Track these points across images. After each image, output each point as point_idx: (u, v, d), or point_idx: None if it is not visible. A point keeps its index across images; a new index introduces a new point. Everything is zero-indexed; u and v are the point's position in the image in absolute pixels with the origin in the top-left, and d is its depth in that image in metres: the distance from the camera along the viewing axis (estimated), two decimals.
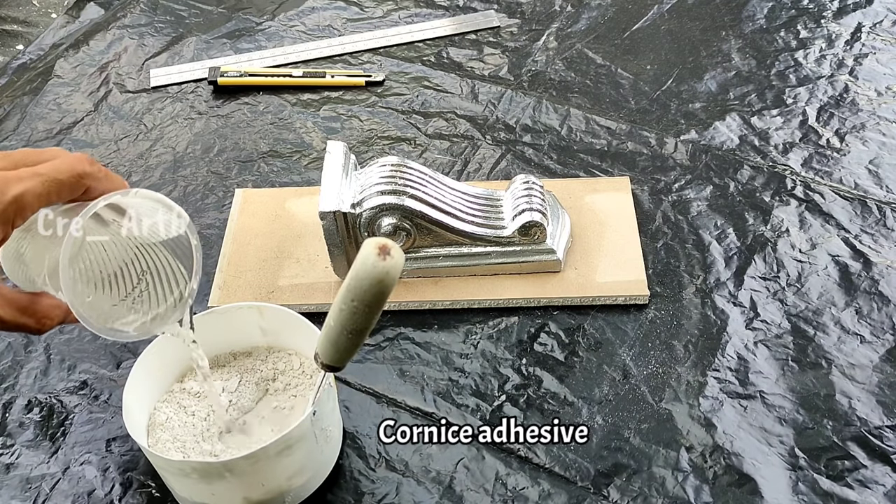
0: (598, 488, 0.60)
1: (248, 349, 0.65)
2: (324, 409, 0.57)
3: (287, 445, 0.54)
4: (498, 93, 0.92)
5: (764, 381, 0.65)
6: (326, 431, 0.58)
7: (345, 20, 1.04)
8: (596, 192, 0.79)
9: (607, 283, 0.71)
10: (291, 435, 0.54)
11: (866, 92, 0.88)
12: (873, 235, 0.75)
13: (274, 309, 0.62)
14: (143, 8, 1.08)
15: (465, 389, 0.66)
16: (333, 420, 0.60)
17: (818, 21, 0.98)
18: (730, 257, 0.74)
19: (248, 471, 0.54)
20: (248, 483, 0.55)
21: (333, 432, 0.60)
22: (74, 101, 0.95)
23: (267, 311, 0.62)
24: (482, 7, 1.04)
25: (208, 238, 0.79)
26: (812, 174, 0.81)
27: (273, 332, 0.64)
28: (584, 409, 0.64)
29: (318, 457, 0.59)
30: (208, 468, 0.54)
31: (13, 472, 0.63)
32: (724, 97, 0.89)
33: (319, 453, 0.58)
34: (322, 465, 0.60)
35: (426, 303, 0.71)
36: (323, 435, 0.58)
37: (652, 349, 0.68)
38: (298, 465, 0.56)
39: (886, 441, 0.61)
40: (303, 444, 0.55)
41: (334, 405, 0.60)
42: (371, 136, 0.88)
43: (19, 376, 0.69)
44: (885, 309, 0.69)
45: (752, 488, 0.59)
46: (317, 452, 0.58)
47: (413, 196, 0.68)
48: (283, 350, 0.65)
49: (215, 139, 0.89)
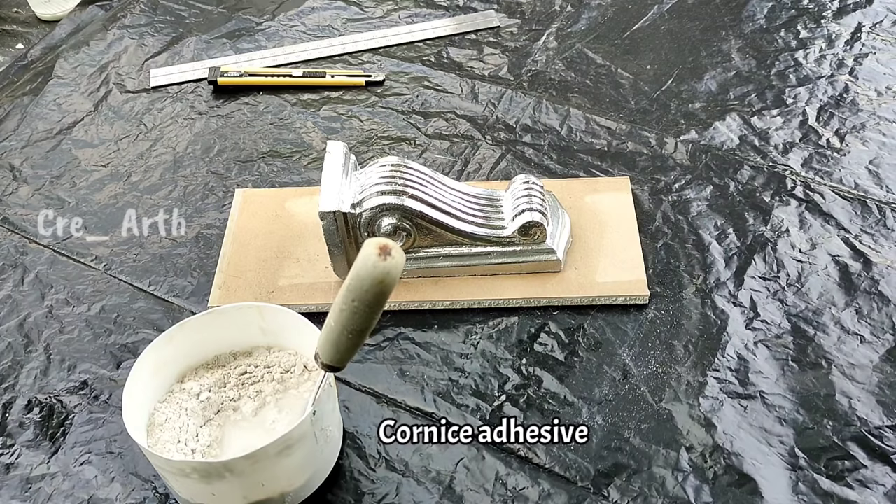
0: (598, 488, 0.60)
1: (249, 349, 0.65)
2: (324, 409, 0.57)
3: (287, 445, 0.54)
4: (498, 93, 0.92)
5: (764, 381, 0.65)
6: (326, 431, 0.58)
7: (345, 20, 1.04)
8: (596, 192, 0.79)
9: (607, 283, 0.71)
10: (291, 435, 0.54)
11: (866, 92, 0.88)
12: (873, 235, 0.75)
13: (274, 309, 0.62)
14: (143, 8, 1.08)
15: (465, 389, 0.66)
16: (334, 420, 0.60)
17: (818, 21, 0.98)
18: (730, 257, 0.74)
19: (248, 471, 0.54)
20: (248, 483, 0.55)
21: (333, 432, 0.60)
22: (74, 101, 0.95)
23: (267, 311, 0.62)
24: (482, 7, 1.04)
25: (208, 238, 0.79)
26: (812, 174, 0.81)
27: (273, 332, 0.64)
28: (584, 409, 0.64)
29: (318, 457, 0.59)
30: (208, 468, 0.54)
31: (13, 472, 0.63)
32: (724, 97, 0.89)
33: (319, 453, 0.58)
34: (322, 465, 0.60)
35: (426, 303, 0.71)
36: (323, 435, 0.58)
37: (652, 349, 0.68)
38: (298, 465, 0.56)
39: (886, 441, 0.61)
40: (303, 445, 0.55)
41: (334, 405, 0.60)
42: (371, 136, 0.88)
43: (19, 376, 0.69)
44: (885, 309, 0.69)
45: (752, 488, 0.59)
46: (317, 452, 0.58)
47: (413, 196, 0.68)
48: (283, 350, 0.65)
49: (215, 139, 0.89)
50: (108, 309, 0.74)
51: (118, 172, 0.87)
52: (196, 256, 0.78)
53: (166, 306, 0.74)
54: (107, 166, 0.87)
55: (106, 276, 0.77)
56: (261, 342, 0.65)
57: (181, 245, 0.79)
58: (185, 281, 0.76)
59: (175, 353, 0.62)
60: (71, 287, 0.76)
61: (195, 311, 0.73)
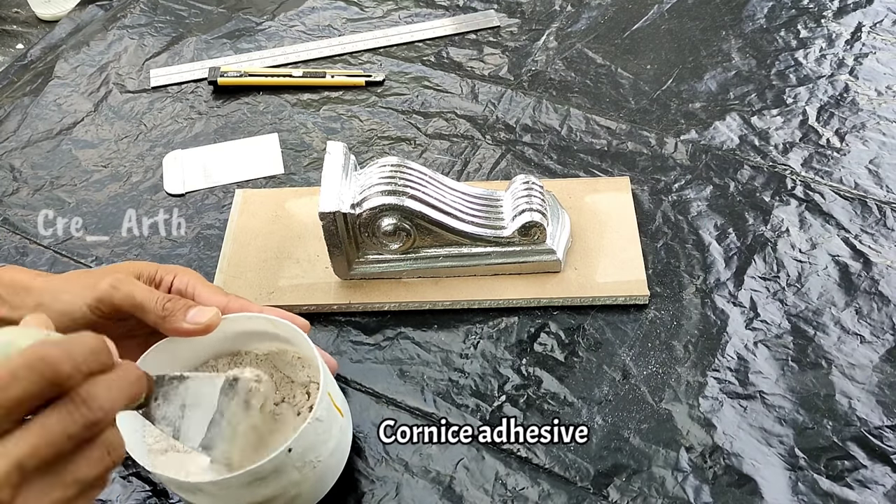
0: (597, 488, 0.60)
1: (277, 351, 0.63)
2: (308, 442, 0.53)
3: (258, 478, 0.51)
4: (498, 93, 0.92)
5: (764, 382, 0.65)
6: (313, 463, 0.55)
7: (345, 20, 1.04)
8: (596, 192, 0.79)
9: (607, 283, 0.71)
10: (263, 468, 0.51)
11: (866, 91, 0.88)
12: (873, 235, 0.75)
13: (286, 325, 0.59)
14: (143, 8, 1.08)
15: (465, 390, 0.66)
16: (324, 451, 0.56)
17: (818, 21, 0.98)
18: (730, 257, 0.74)
19: (220, 495, 0.52)
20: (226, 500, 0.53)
21: (327, 462, 0.56)
22: (74, 101, 0.95)
23: (280, 325, 0.59)
24: (482, 7, 1.04)
25: (208, 238, 0.79)
26: (812, 174, 0.81)
27: (284, 342, 0.62)
28: (583, 410, 0.64)
29: (304, 485, 0.55)
30: (181, 485, 0.52)
31: None
32: (724, 97, 0.89)
33: (305, 482, 0.55)
34: (309, 493, 0.57)
35: (426, 303, 0.71)
36: (308, 466, 0.54)
37: (652, 349, 0.68)
38: (276, 493, 0.54)
39: (886, 441, 0.61)
40: (281, 476, 0.53)
41: (328, 437, 0.56)
42: (371, 136, 0.88)
43: None
44: (885, 309, 0.69)
45: (751, 488, 0.59)
46: (301, 482, 0.55)
47: (413, 196, 0.68)
48: (291, 364, 0.63)
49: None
50: None
51: (118, 172, 0.87)
52: (196, 256, 0.78)
53: None
54: (107, 166, 0.87)
55: None
56: (273, 349, 0.63)
57: (181, 245, 0.79)
58: None
59: (186, 351, 0.61)
60: None
61: None
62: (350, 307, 0.72)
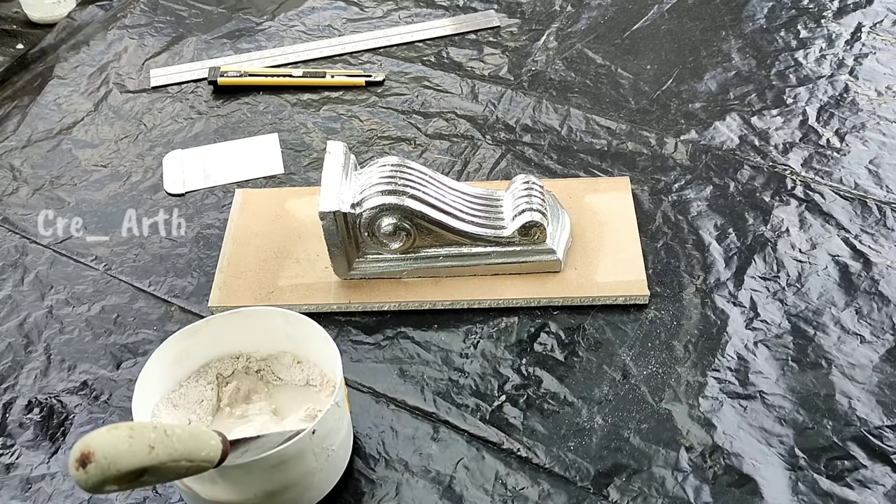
0: (598, 488, 0.60)
1: (273, 353, 0.64)
2: (328, 428, 0.55)
3: (282, 461, 0.53)
4: (498, 93, 0.92)
5: (764, 381, 0.65)
6: (328, 451, 0.56)
7: (345, 20, 1.04)
8: (596, 192, 0.79)
9: (607, 283, 0.71)
10: (287, 451, 0.52)
11: (866, 92, 0.88)
12: (873, 235, 0.75)
13: (298, 318, 0.61)
14: (143, 8, 1.08)
15: (465, 389, 0.66)
16: (337, 440, 0.58)
17: (818, 21, 0.98)
18: (730, 257, 0.74)
19: (242, 480, 0.53)
20: (240, 490, 0.54)
21: (338, 453, 0.58)
22: (74, 101, 0.95)
23: (291, 318, 0.61)
24: (482, 7, 1.04)
25: (208, 238, 0.79)
26: (812, 174, 0.81)
27: (297, 340, 0.63)
28: (584, 409, 0.64)
29: (316, 475, 0.57)
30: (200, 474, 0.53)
31: (13, 472, 0.63)
32: (724, 97, 0.89)
33: (319, 471, 0.57)
34: (319, 484, 0.58)
35: (426, 303, 0.71)
36: (324, 454, 0.56)
37: (652, 349, 0.68)
38: (292, 480, 0.55)
39: (886, 441, 0.61)
40: (300, 461, 0.54)
41: (341, 425, 0.58)
42: (371, 136, 0.88)
43: (19, 376, 0.69)
44: (885, 309, 0.69)
45: (752, 488, 0.59)
46: (315, 470, 0.56)
47: (413, 196, 0.68)
48: (306, 360, 0.64)
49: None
50: (108, 309, 0.74)
51: (118, 172, 0.87)
52: (196, 256, 0.78)
53: (166, 306, 0.74)
54: (107, 166, 0.87)
55: (106, 276, 0.77)
56: (287, 348, 0.64)
57: (181, 245, 0.79)
58: (185, 281, 0.76)
59: (197, 347, 0.62)
60: (71, 287, 0.76)
61: (195, 311, 0.73)
62: (350, 307, 0.72)
